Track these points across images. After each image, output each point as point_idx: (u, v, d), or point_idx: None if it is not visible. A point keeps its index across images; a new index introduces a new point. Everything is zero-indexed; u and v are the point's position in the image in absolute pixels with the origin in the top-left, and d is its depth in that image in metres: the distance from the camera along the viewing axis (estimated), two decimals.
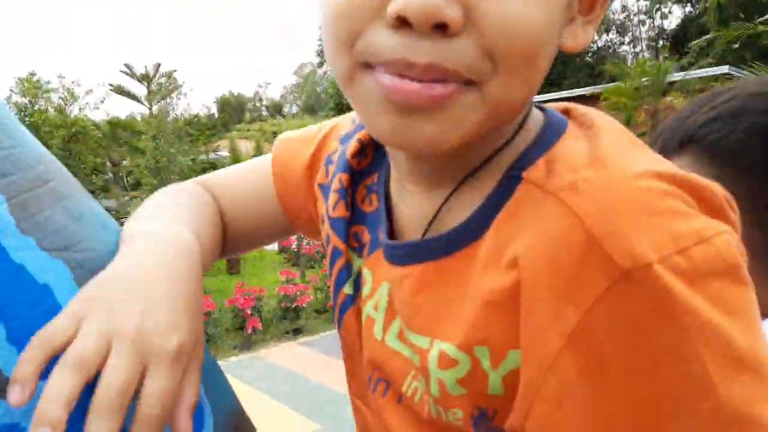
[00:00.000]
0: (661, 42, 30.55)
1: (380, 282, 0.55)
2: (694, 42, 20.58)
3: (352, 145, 0.62)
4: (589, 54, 36.15)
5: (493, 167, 0.47)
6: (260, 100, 70.46)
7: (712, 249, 0.38)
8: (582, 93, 16.35)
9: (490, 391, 0.44)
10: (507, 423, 0.44)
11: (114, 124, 14.61)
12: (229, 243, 0.72)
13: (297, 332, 5.77)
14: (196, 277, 0.50)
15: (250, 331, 5.43)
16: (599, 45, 40.02)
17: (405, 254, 0.52)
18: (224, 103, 60.86)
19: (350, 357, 0.62)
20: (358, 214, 0.61)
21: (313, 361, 5.01)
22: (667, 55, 17.54)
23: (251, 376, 4.56)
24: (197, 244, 0.54)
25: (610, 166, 0.41)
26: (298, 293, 6.00)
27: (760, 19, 9.25)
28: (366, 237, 0.60)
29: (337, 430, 3.54)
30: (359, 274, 0.59)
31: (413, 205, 0.54)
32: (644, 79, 13.59)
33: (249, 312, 5.54)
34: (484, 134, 0.44)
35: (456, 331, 0.45)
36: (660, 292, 0.36)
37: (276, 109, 66.01)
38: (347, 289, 0.60)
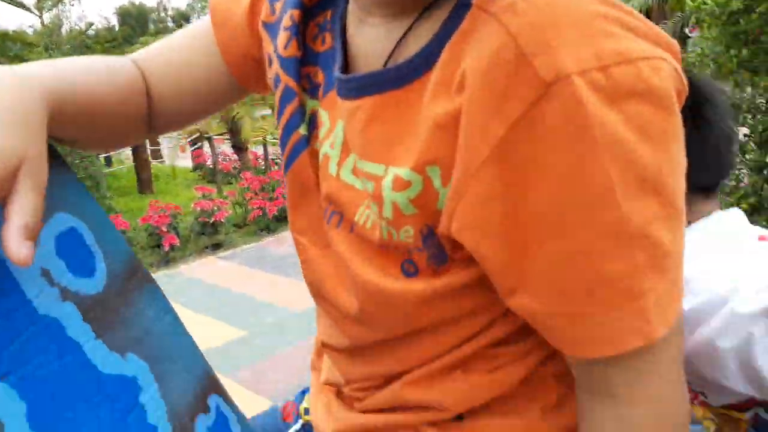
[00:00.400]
0: None
1: (336, 121, 0.55)
2: None
3: None
4: None
5: None
6: (165, 9, 66.03)
7: (634, 70, 0.39)
8: None
9: (439, 207, 0.47)
10: (438, 229, 0.47)
11: (2, 36, 13.46)
12: (162, 116, 0.70)
13: (216, 247, 5.73)
14: (19, 98, 0.47)
15: (167, 248, 5.33)
16: None
17: (358, 87, 0.51)
18: (125, 14, 56.78)
19: (301, 195, 0.61)
20: (310, 53, 0.59)
21: (234, 274, 5.02)
22: None
23: (170, 291, 4.50)
24: (43, 79, 0.51)
25: None
26: (216, 208, 5.91)
27: None
28: (320, 77, 0.58)
29: (263, 335, 3.61)
30: (313, 116, 0.59)
31: (372, 39, 0.52)
32: None
33: (165, 229, 5.42)
34: None
35: (409, 155, 0.47)
36: (574, 104, 0.38)
37: (183, 19, 62.11)
38: (302, 129, 0.58)
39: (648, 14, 7.58)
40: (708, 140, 0.91)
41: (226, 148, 10.30)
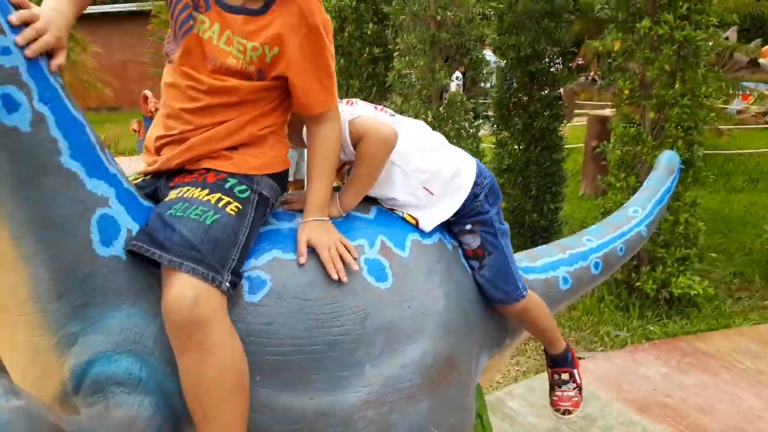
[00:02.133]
0: None
1: (215, 21, 1.24)
2: None
3: None
4: None
5: None
6: None
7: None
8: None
9: (267, 61, 1.27)
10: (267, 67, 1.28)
11: None
12: None
13: None
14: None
15: None
16: None
17: (234, 9, 1.24)
18: None
19: (186, 52, 1.26)
20: None
21: None
22: None
23: None
24: None
25: None
26: None
27: None
28: (202, 4, 1.24)
29: None
30: (195, 20, 1.24)
31: None
32: None
33: None
34: None
35: (258, 39, 1.25)
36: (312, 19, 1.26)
37: None
38: (196, 23, 1.24)
39: None
40: None
41: None
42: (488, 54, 5.23)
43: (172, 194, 1.19)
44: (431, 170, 1.51)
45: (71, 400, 1.09)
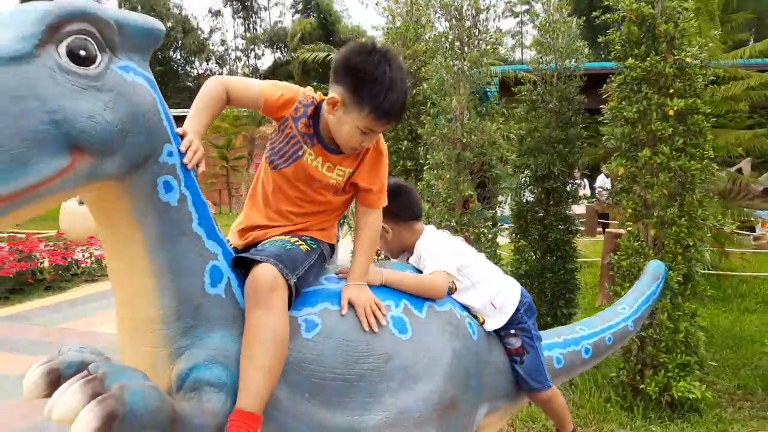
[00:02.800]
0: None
1: (318, 156, 1.78)
2: None
3: (309, 110, 1.81)
4: (190, 79, 43.86)
5: None
6: None
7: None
8: (184, 113, 22.52)
9: (347, 177, 1.88)
10: (345, 183, 1.86)
11: None
12: (231, 101, 1.78)
13: None
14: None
15: None
16: (200, 72, 45.86)
17: (334, 150, 1.80)
18: None
19: (294, 176, 1.81)
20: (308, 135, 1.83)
21: None
22: None
23: None
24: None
25: None
26: None
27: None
28: (308, 141, 1.80)
29: None
30: (304, 152, 1.80)
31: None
32: (244, 110, 17.22)
33: None
34: None
35: (347, 167, 1.86)
36: (380, 146, 1.92)
37: None
38: (305, 154, 1.79)
39: None
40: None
41: None
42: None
43: (263, 242, 1.76)
44: (496, 292, 2.17)
45: (173, 397, 1.52)
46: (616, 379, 4.32)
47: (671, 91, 4.08)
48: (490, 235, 4.29)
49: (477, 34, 4.41)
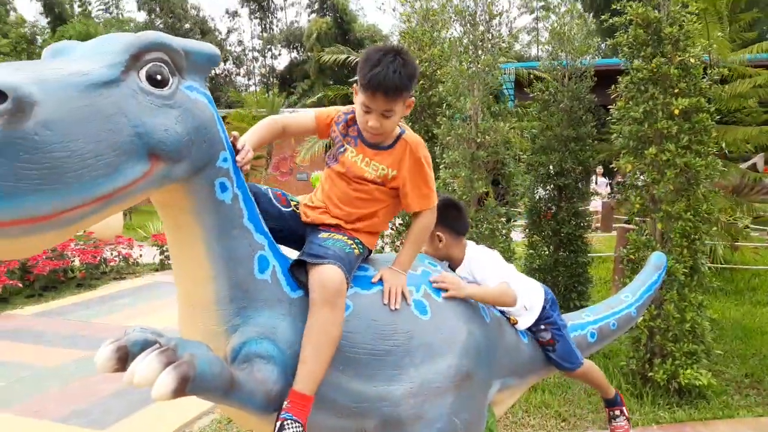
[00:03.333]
0: (272, 79, 35.95)
1: (359, 152, 2.06)
2: (299, 83, 30.97)
3: (349, 117, 2.11)
4: (208, 80, 42.82)
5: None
6: None
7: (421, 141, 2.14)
8: None
9: (389, 176, 2.06)
10: (387, 179, 2.06)
11: None
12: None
13: None
14: None
15: None
16: (217, 72, 45.25)
17: (373, 145, 2.04)
18: None
19: (339, 169, 2.07)
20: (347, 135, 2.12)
21: None
22: (276, 91, 21.44)
23: None
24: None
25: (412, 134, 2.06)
26: None
27: (351, 79, 15.20)
28: (351, 141, 2.09)
29: None
30: (346, 149, 2.08)
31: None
32: (261, 110, 17.12)
33: None
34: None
35: (385, 164, 2.06)
36: (415, 145, 2.07)
37: None
38: (347, 151, 2.08)
39: None
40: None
41: None
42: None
43: (324, 235, 1.97)
44: (527, 296, 2.49)
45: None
46: (626, 368, 4.52)
47: (676, 91, 4.27)
48: (504, 231, 4.51)
49: (490, 38, 4.62)
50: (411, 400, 1.89)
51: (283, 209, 2.09)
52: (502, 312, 2.42)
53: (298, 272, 1.91)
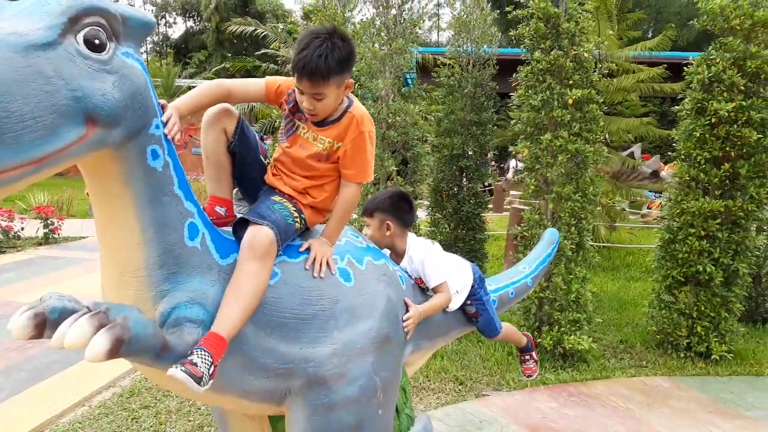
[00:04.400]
0: (166, 48, 37.00)
1: (309, 128, 2.09)
2: (195, 54, 30.69)
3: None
4: None
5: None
6: None
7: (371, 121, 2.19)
8: None
9: (335, 149, 2.10)
10: (333, 153, 2.11)
11: None
12: (234, 100, 2.07)
13: None
14: None
15: None
16: None
17: (320, 124, 2.07)
18: None
19: (291, 146, 2.12)
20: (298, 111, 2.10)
21: None
22: (170, 60, 21.84)
23: None
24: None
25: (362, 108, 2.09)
26: None
27: (257, 53, 15.92)
28: (302, 117, 2.10)
29: None
30: (297, 127, 2.11)
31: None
32: (156, 79, 17.77)
33: None
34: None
35: (331, 137, 2.09)
36: (361, 118, 2.10)
37: None
38: (299, 128, 2.12)
39: None
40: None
41: None
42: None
43: (276, 198, 2.05)
44: (458, 279, 2.68)
45: None
46: None
47: (570, 82, 4.63)
48: None
49: (402, 21, 4.76)
50: (335, 359, 2.01)
51: (264, 164, 2.21)
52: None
53: (241, 230, 1.96)
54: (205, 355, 1.72)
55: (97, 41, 1.49)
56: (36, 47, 1.34)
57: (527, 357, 3.27)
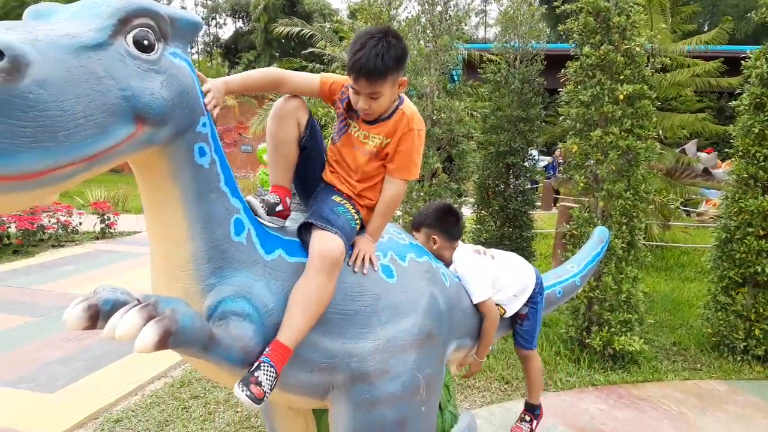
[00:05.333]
0: (215, 48, 36.57)
1: (360, 127, 2.11)
2: (244, 54, 29.70)
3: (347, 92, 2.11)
4: None
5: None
6: None
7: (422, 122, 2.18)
8: None
9: (383, 146, 2.11)
10: (382, 150, 2.11)
11: None
12: (285, 89, 2.08)
13: None
14: None
15: None
16: None
17: (371, 122, 2.08)
18: None
19: (344, 146, 2.15)
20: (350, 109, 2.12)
21: None
22: (220, 60, 21.42)
23: None
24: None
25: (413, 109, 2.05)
26: None
27: (305, 52, 15.77)
28: (354, 116, 2.12)
29: None
30: (349, 125, 2.14)
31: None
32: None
33: None
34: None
35: (381, 133, 2.09)
36: (411, 116, 2.09)
37: None
38: (351, 127, 2.14)
39: None
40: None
41: None
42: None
43: (337, 198, 2.08)
44: (518, 284, 2.71)
45: None
46: (565, 335, 4.82)
47: (621, 77, 4.51)
48: (456, 205, 4.68)
49: (447, 18, 4.73)
50: (377, 355, 2.02)
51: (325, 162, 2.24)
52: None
53: (305, 233, 2.00)
54: (271, 371, 1.78)
55: (146, 42, 1.53)
56: (87, 48, 1.38)
57: (528, 418, 3.12)
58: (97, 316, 1.61)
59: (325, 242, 1.91)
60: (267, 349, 1.81)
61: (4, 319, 5.55)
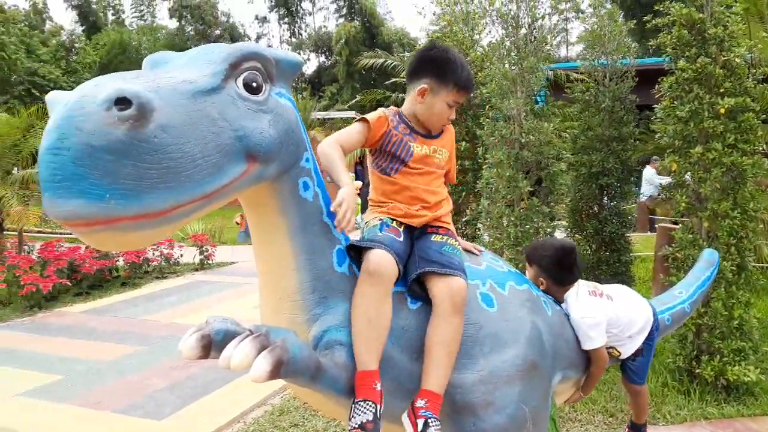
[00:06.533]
0: (301, 83, 36.20)
1: (422, 143, 2.20)
2: (328, 87, 32.35)
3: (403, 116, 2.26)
4: None
5: None
6: None
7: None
8: None
9: (445, 158, 2.29)
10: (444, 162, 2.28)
11: None
12: (347, 152, 2.12)
13: None
14: None
15: None
16: None
17: (430, 137, 2.23)
18: None
19: (417, 163, 2.18)
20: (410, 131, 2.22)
21: None
22: (307, 95, 21.56)
23: None
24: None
25: None
26: None
27: (387, 82, 16.81)
28: (411, 138, 2.20)
29: None
30: (410, 147, 2.18)
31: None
32: None
33: None
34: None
35: (443, 146, 2.27)
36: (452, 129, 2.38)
37: None
38: (413, 148, 2.17)
39: None
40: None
41: None
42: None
43: (437, 238, 2.08)
44: (635, 326, 2.63)
45: None
46: (673, 365, 4.54)
47: (721, 90, 4.28)
48: (548, 230, 4.57)
49: (533, 40, 4.69)
50: (482, 387, 1.98)
51: None
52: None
53: (417, 284, 2.01)
54: (436, 423, 1.84)
55: (254, 84, 1.61)
56: (203, 93, 1.48)
57: None
58: (210, 346, 1.67)
59: (453, 285, 1.95)
60: (422, 402, 1.88)
61: (115, 349, 5.90)
